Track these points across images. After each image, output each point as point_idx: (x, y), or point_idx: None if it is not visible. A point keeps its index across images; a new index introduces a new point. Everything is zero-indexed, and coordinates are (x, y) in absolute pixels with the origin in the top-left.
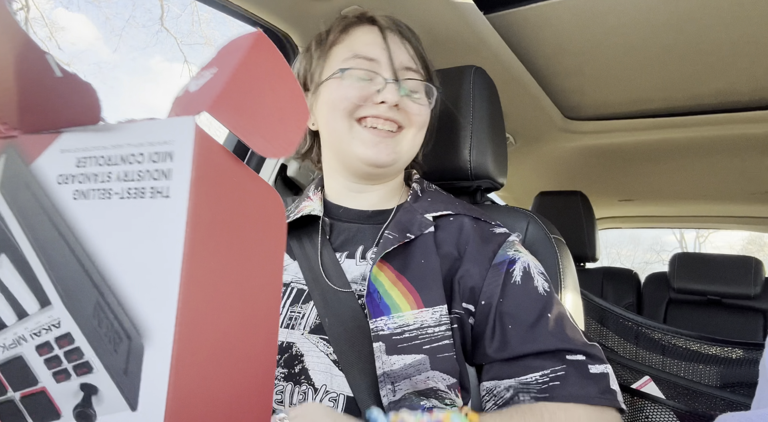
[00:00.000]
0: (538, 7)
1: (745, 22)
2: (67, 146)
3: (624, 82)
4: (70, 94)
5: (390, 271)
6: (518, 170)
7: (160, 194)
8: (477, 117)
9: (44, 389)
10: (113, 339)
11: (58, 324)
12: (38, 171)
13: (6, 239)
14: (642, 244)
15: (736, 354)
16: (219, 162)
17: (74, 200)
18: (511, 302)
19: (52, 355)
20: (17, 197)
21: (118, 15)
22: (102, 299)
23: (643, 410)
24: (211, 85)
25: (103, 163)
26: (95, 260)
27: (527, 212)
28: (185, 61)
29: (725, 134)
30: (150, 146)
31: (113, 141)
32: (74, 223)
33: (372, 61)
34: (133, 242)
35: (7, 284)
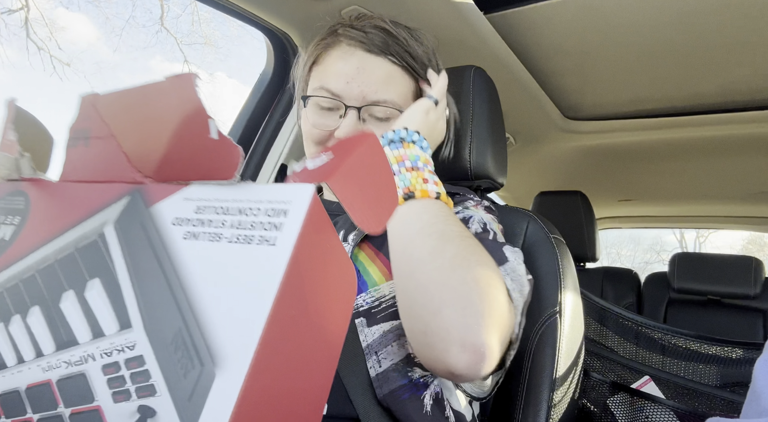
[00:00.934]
0: (538, 7)
1: (745, 23)
2: (191, 195)
3: (624, 82)
4: (214, 154)
5: (369, 249)
6: (518, 170)
7: (267, 243)
8: (477, 117)
9: (99, 407)
10: (185, 365)
11: (133, 347)
12: (156, 213)
13: (104, 265)
14: (642, 244)
15: (736, 354)
16: (322, 227)
17: (184, 239)
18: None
19: (118, 375)
20: (129, 232)
21: (118, 15)
22: (185, 328)
23: (643, 410)
24: (329, 165)
25: (221, 212)
26: (188, 292)
27: (527, 212)
28: (185, 61)
29: (725, 134)
30: (268, 203)
31: (235, 196)
32: (177, 258)
33: (336, 95)
34: (229, 280)
35: (91, 305)
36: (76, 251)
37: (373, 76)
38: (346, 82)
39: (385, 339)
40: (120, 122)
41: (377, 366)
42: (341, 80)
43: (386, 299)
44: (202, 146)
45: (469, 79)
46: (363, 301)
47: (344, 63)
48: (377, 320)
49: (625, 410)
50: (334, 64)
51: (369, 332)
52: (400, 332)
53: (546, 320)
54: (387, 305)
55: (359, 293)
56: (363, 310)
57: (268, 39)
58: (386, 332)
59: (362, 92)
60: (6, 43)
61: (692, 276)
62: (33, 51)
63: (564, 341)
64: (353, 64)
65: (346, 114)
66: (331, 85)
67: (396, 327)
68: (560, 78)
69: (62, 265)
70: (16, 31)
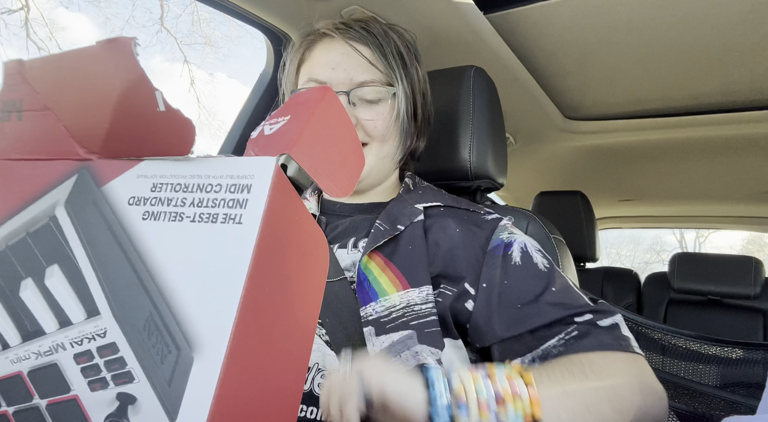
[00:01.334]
0: (538, 7)
1: (745, 22)
2: (145, 172)
3: (624, 82)
4: (165, 128)
5: (380, 258)
6: (518, 170)
7: (232, 221)
8: (477, 117)
9: (76, 397)
10: (161, 350)
11: (104, 334)
12: (109, 192)
13: (62, 250)
14: (642, 244)
15: (736, 354)
16: (288, 200)
17: (143, 220)
18: (513, 284)
19: (91, 364)
20: (82, 213)
21: (118, 15)
22: (156, 313)
23: None
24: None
25: (179, 189)
26: (154, 276)
27: (527, 212)
28: (185, 61)
29: (725, 134)
30: (229, 179)
31: (192, 172)
32: (138, 241)
33: (323, 83)
34: (196, 261)
35: (54, 293)
36: (28, 236)
37: (357, 59)
38: (332, 69)
39: (393, 350)
40: (54, 92)
41: None
42: (327, 68)
43: (396, 309)
44: (150, 120)
45: (469, 79)
46: (373, 310)
47: (328, 52)
48: (386, 330)
49: None
50: (319, 56)
51: (377, 341)
52: (411, 342)
53: None
54: (398, 315)
55: (369, 303)
56: (372, 319)
57: (268, 39)
58: (395, 342)
59: (348, 75)
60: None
61: (692, 276)
62: (33, 51)
63: None
64: (337, 51)
65: None
66: (318, 75)
67: (406, 337)
68: (560, 78)
69: (15, 251)
70: (16, 31)
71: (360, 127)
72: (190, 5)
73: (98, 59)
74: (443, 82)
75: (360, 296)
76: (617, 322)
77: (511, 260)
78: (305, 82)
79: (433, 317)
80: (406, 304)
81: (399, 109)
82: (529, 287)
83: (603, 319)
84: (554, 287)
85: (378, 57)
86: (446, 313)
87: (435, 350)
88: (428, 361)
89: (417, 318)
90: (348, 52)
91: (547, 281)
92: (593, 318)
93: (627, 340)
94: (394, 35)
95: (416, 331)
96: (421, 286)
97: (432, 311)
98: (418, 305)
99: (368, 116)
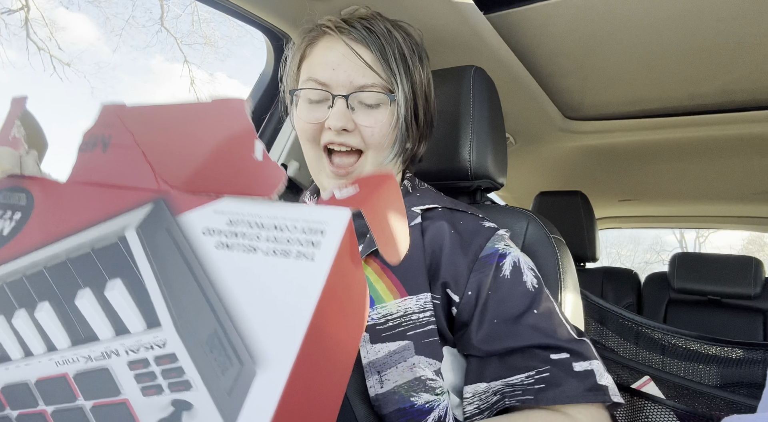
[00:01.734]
0: (538, 7)
1: (745, 22)
2: (222, 208)
3: (624, 82)
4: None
5: (376, 264)
6: (518, 170)
7: (305, 258)
8: (477, 117)
9: (126, 401)
10: (223, 363)
11: (163, 345)
12: (184, 222)
13: (127, 266)
14: (642, 244)
15: (736, 354)
16: (353, 248)
17: (215, 248)
18: (498, 296)
19: (147, 371)
20: (153, 237)
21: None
22: (221, 330)
23: (643, 410)
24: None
25: (255, 226)
26: (222, 297)
27: (527, 212)
28: (185, 61)
29: (725, 134)
30: (304, 222)
31: (269, 212)
32: (209, 265)
33: (322, 84)
34: (266, 289)
35: (113, 304)
36: (92, 252)
37: (358, 61)
38: (332, 70)
39: (391, 360)
40: (148, 133)
41: (378, 386)
42: (327, 68)
43: (394, 317)
44: (241, 164)
45: (469, 79)
46: (368, 316)
47: (329, 51)
48: (382, 338)
49: (625, 410)
50: (320, 54)
51: (372, 349)
52: (407, 353)
53: None
54: (395, 324)
55: None
56: (368, 325)
57: (268, 39)
58: (392, 352)
59: (349, 77)
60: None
61: (692, 276)
62: (33, 51)
63: None
64: (339, 51)
65: (334, 103)
66: (318, 75)
67: (404, 347)
68: (560, 78)
69: (75, 263)
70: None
71: (357, 133)
72: (190, 5)
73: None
74: (443, 82)
75: None
76: (592, 369)
77: (500, 272)
78: (305, 81)
79: (431, 326)
80: (404, 313)
81: (398, 115)
82: (513, 304)
83: (579, 362)
84: (537, 309)
85: (379, 60)
86: (442, 319)
87: (433, 361)
88: (427, 374)
89: (414, 328)
90: (348, 53)
91: (531, 302)
92: (569, 358)
93: (602, 390)
94: (398, 35)
95: (413, 342)
96: (419, 294)
97: (430, 320)
98: (415, 314)
99: (367, 122)
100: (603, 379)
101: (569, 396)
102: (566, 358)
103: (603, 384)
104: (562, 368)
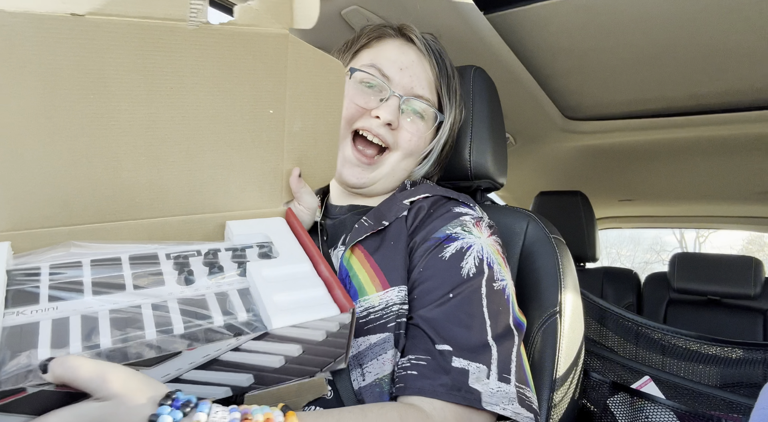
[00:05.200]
0: (538, 7)
1: (745, 23)
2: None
3: (624, 82)
4: None
5: (361, 252)
6: (518, 170)
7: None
8: (477, 117)
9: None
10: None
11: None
12: None
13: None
14: (642, 244)
15: (736, 354)
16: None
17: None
18: (427, 274)
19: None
20: None
21: None
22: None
23: (643, 410)
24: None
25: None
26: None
27: (527, 212)
28: None
29: (725, 134)
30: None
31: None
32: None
33: (385, 76)
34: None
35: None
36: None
37: (424, 73)
38: (400, 69)
39: (372, 352)
40: None
41: (360, 379)
42: (395, 66)
43: (375, 310)
44: None
45: (469, 79)
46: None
47: (401, 53)
48: (365, 331)
49: (625, 410)
50: (391, 51)
51: (354, 343)
52: (387, 345)
53: (546, 320)
54: (376, 317)
55: None
56: None
57: None
58: (373, 345)
59: (411, 83)
60: None
61: (692, 276)
62: None
63: (564, 341)
64: (410, 56)
65: (389, 98)
66: (384, 67)
67: (383, 339)
68: (560, 78)
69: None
70: None
71: (396, 133)
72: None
73: None
74: None
75: None
76: (468, 369)
77: (440, 252)
78: (367, 65)
79: None
80: (385, 304)
81: (441, 135)
82: (436, 283)
83: (460, 359)
84: (453, 294)
85: (441, 82)
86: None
87: None
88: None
89: (396, 319)
90: (422, 61)
91: (454, 287)
92: (452, 352)
93: (472, 394)
94: (453, 72)
95: (392, 333)
96: (401, 285)
97: None
98: (396, 305)
99: (411, 127)
100: (479, 384)
101: (432, 391)
102: (447, 351)
103: (475, 389)
104: (441, 360)
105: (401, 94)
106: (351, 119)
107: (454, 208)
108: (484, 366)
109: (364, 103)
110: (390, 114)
